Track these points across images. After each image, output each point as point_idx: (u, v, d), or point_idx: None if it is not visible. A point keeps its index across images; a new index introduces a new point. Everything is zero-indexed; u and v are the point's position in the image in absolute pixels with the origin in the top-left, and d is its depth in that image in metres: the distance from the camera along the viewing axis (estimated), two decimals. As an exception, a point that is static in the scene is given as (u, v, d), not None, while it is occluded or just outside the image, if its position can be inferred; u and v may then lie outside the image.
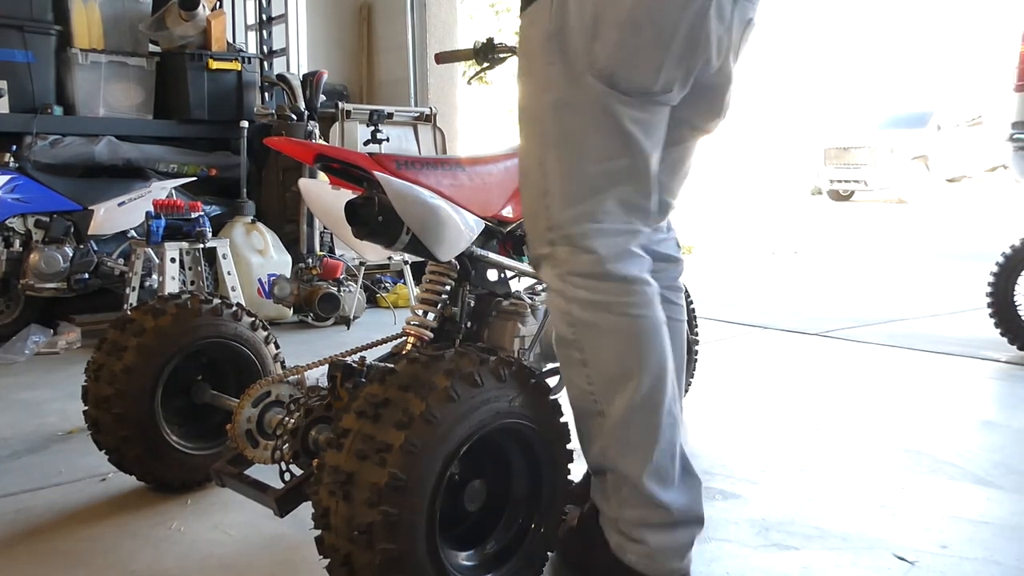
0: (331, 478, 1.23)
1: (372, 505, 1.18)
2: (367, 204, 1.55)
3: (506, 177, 1.84)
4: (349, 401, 1.29)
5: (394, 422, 1.22)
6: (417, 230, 1.57)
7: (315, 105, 4.34)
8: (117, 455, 1.92)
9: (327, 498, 1.23)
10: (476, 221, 1.72)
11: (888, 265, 6.69)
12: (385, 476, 1.18)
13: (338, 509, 1.21)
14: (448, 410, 1.24)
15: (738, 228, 10.38)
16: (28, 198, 3.57)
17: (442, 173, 1.67)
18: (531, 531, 1.43)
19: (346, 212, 1.56)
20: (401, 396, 1.24)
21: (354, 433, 1.23)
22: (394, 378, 1.27)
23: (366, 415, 1.24)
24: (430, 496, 1.22)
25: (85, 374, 1.91)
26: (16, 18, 3.76)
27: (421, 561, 1.23)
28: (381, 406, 1.24)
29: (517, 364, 1.36)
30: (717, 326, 3.97)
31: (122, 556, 1.67)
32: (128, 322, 1.91)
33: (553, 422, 1.42)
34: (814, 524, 1.82)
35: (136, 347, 1.86)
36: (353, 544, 1.20)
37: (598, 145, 1.35)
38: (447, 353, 1.32)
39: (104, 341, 1.91)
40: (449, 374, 1.27)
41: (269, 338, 2.08)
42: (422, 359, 1.30)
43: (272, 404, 1.70)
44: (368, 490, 1.19)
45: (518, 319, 1.88)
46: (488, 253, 1.85)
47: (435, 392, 1.24)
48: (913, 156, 14.55)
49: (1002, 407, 2.76)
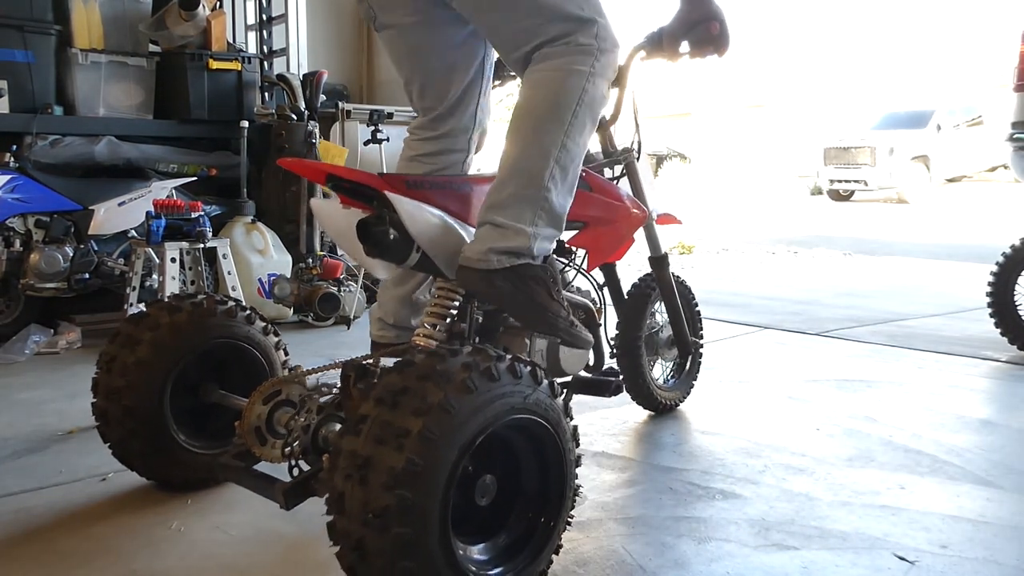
0: (348, 462, 1.24)
1: (388, 488, 1.20)
2: (378, 223, 1.56)
3: None
4: (365, 391, 1.31)
5: (412, 409, 1.24)
6: (427, 248, 1.61)
7: (315, 105, 4.34)
8: (122, 449, 1.92)
9: (342, 483, 1.24)
10: None
11: (888, 265, 6.69)
12: (402, 460, 1.21)
13: (353, 493, 1.23)
14: (465, 401, 1.26)
15: (738, 228, 10.38)
16: (28, 198, 3.57)
17: (451, 192, 1.71)
18: (540, 526, 1.45)
19: (358, 231, 1.57)
20: (420, 385, 1.27)
21: (372, 419, 1.26)
22: (413, 369, 1.30)
23: (384, 402, 1.27)
24: (444, 484, 1.24)
25: (97, 365, 1.92)
26: (16, 18, 3.75)
27: (432, 548, 1.24)
28: (400, 394, 1.27)
29: (531, 364, 1.40)
30: (717, 326, 3.97)
31: (122, 556, 1.67)
32: (143, 317, 1.93)
33: (563, 420, 1.45)
34: (814, 524, 1.82)
35: (150, 341, 1.88)
36: (367, 528, 1.21)
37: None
38: (465, 348, 1.35)
39: (118, 334, 1.93)
40: (467, 367, 1.30)
41: (280, 344, 2.10)
42: (441, 352, 1.34)
43: (282, 403, 1.71)
44: (385, 473, 1.21)
45: (525, 335, 1.90)
46: None
47: (453, 382, 1.27)
48: (913, 156, 14.55)
49: (1002, 407, 2.76)
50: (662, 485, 2.05)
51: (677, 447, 2.35)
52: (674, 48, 1.84)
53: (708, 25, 1.77)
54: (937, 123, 15.03)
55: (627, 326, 2.47)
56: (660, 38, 1.93)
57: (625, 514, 1.89)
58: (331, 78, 4.88)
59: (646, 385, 2.51)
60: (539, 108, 1.64)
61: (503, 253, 1.60)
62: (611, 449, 2.32)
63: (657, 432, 2.48)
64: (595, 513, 1.88)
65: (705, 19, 1.78)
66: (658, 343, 2.60)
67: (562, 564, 1.62)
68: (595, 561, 1.65)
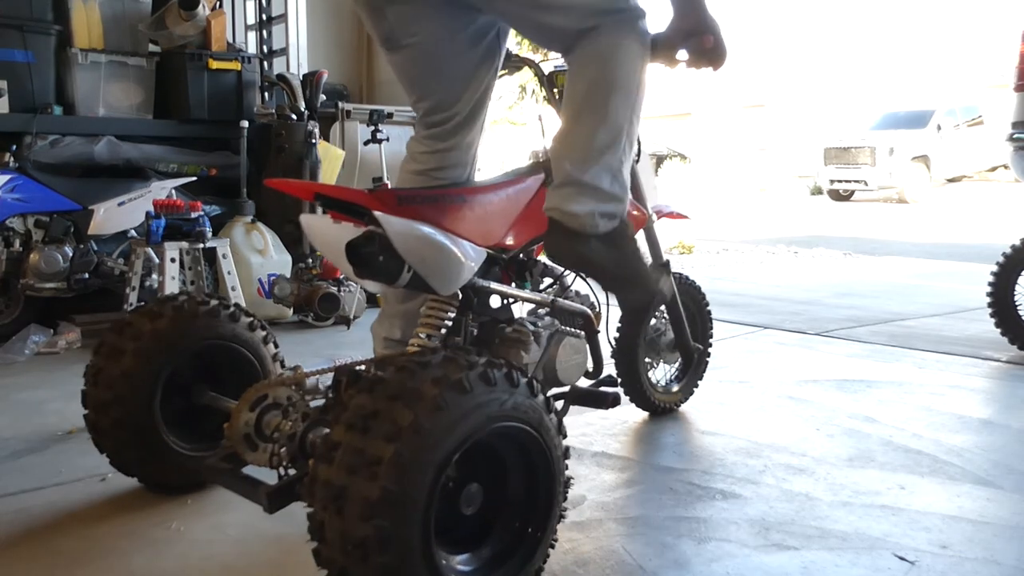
0: (323, 492, 1.22)
1: (365, 519, 1.17)
2: (367, 244, 1.54)
3: (508, 205, 1.85)
4: (339, 411, 1.28)
5: (383, 434, 1.21)
6: (418, 268, 1.57)
7: (315, 105, 4.34)
8: (117, 458, 1.92)
9: (320, 511, 1.22)
10: (477, 251, 1.72)
11: (888, 265, 6.69)
12: (376, 490, 1.17)
13: (331, 523, 1.20)
14: (437, 419, 1.22)
15: (738, 228, 10.38)
16: (28, 198, 3.56)
17: (443, 206, 1.68)
18: (527, 534, 1.43)
19: (347, 252, 1.55)
20: (389, 407, 1.23)
21: (344, 446, 1.22)
22: (383, 388, 1.26)
23: (355, 427, 1.23)
24: (423, 507, 1.21)
25: (84, 378, 1.90)
26: (16, 18, 3.76)
27: (417, 571, 1.22)
28: (370, 418, 1.23)
29: (507, 366, 1.36)
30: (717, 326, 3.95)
31: (122, 556, 1.67)
32: (126, 326, 1.90)
33: (545, 420, 1.41)
34: (814, 524, 1.82)
35: (134, 351, 1.86)
36: (348, 558, 1.19)
37: None
38: (435, 359, 1.31)
39: (102, 345, 1.91)
40: (437, 382, 1.25)
41: (268, 338, 2.07)
42: (409, 367, 1.29)
43: (270, 407, 1.70)
44: (360, 504, 1.18)
45: (521, 346, 1.88)
46: (490, 282, 1.84)
47: (423, 401, 1.23)
48: (913, 156, 14.56)
49: (1002, 407, 2.76)
50: (662, 485, 2.05)
51: (677, 447, 2.35)
52: (670, 56, 1.81)
53: (701, 39, 1.72)
54: (937, 123, 15.04)
55: (627, 330, 2.47)
56: (657, 44, 1.90)
57: (625, 514, 1.88)
58: (331, 78, 4.88)
59: (643, 388, 2.50)
60: (610, 82, 1.68)
61: (605, 217, 1.69)
62: (611, 449, 2.32)
63: (657, 432, 2.48)
64: (595, 513, 1.88)
65: (697, 31, 1.72)
66: (660, 346, 2.59)
67: (562, 564, 1.62)
68: (595, 561, 1.65)
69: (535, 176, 1.93)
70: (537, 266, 1.97)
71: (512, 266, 1.94)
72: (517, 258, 1.93)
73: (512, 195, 1.85)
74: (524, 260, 1.95)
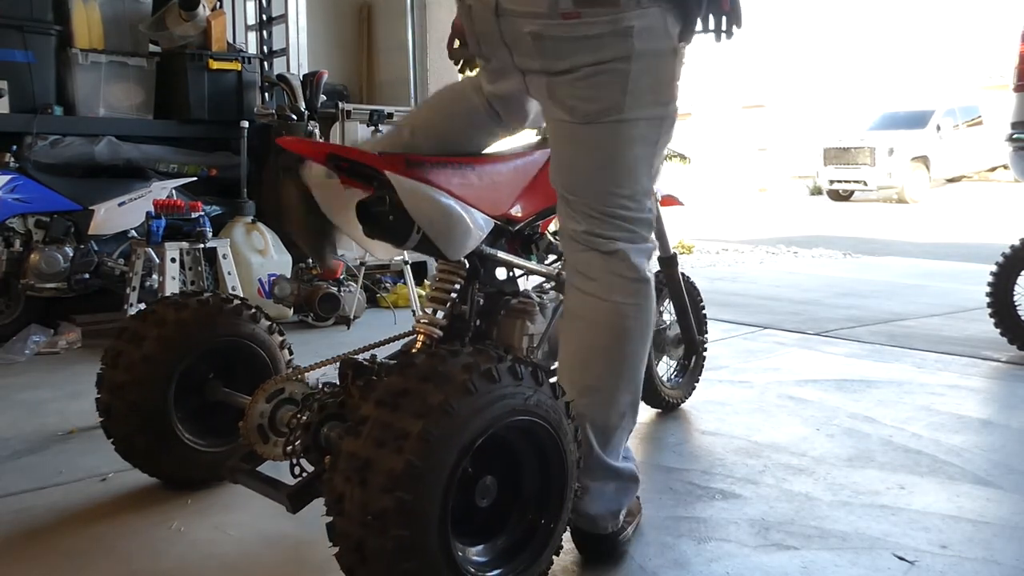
0: (347, 464, 1.24)
1: (387, 491, 1.20)
2: (378, 203, 1.55)
3: (515, 176, 1.85)
4: (366, 392, 1.30)
5: (412, 411, 1.24)
6: (427, 229, 1.58)
7: (315, 105, 4.34)
8: (125, 445, 1.92)
9: (342, 484, 1.24)
10: (486, 220, 1.73)
11: (888, 265, 6.69)
12: (402, 463, 1.20)
13: (353, 495, 1.22)
14: (465, 402, 1.26)
15: (738, 228, 10.38)
16: (28, 198, 3.57)
17: (452, 172, 1.67)
18: (540, 528, 1.45)
19: (357, 211, 1.56)
20: (420, 387, 1.27)
21: (372, 420, 1.25)
22: (413, 370, 1.30)
23: (385, 404, 1.26)
24: (444, 486, 1.24)
25: (102, 361, 1.92)
26: (16, 18, 3.76)
27: (432, 550, 1.24)
28: (400, 395, 1.26)
29: (533, 365, 1.39)
30: (717, 326, 3.97)
31: (122, 556, 1.67)
32: (150, 314, 1.93)
33: (564, 423, 1.44)
34: (814, 524, 1.82)
35: (156, 337, 1.88)
36: (366, 529, 1.21)
37: None
38: (466, 349, 1.35)
39: (124, 330, 1.93)
40: (468, 368, 1.29)
41: (284, 343, 2.11)
42: (441, 353, 1.33)
43: (285, 401, 1.71)
44: (384, 476, 1.20)
45: (527, 317, 1.89)
46: (497, 252, 1.86)
47: (453, 384, 1.26)
48: (913, 156, 14.55)
49: (1002, 407, 2.76)
50: (662, 485, 2.05)
51: (677, 447, 2.35)
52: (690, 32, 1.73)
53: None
54: (937, 123, 15.03)
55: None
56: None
57: (625, 514, 1.88)
58: (331, 78, 4.88)
59: (652, 383, 2.51)
60: (604, 344, 1.60)
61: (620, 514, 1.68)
62: (611, 449, 2.32)
63: (657, 432, 2.48)
64: (595, 513, 1.88)
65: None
66: (665, 341, 2.60)
67: (562, 564, 1.62)
68: (595, 560, 1.65)
69: (542, 150, 1.92)
70: (543, 240, 1.98)
71: (518, 239, 1.96)
72: (523, 231, 1.94)
73: (520, 167, 1.85)
74: (530, 234, 1.96)
